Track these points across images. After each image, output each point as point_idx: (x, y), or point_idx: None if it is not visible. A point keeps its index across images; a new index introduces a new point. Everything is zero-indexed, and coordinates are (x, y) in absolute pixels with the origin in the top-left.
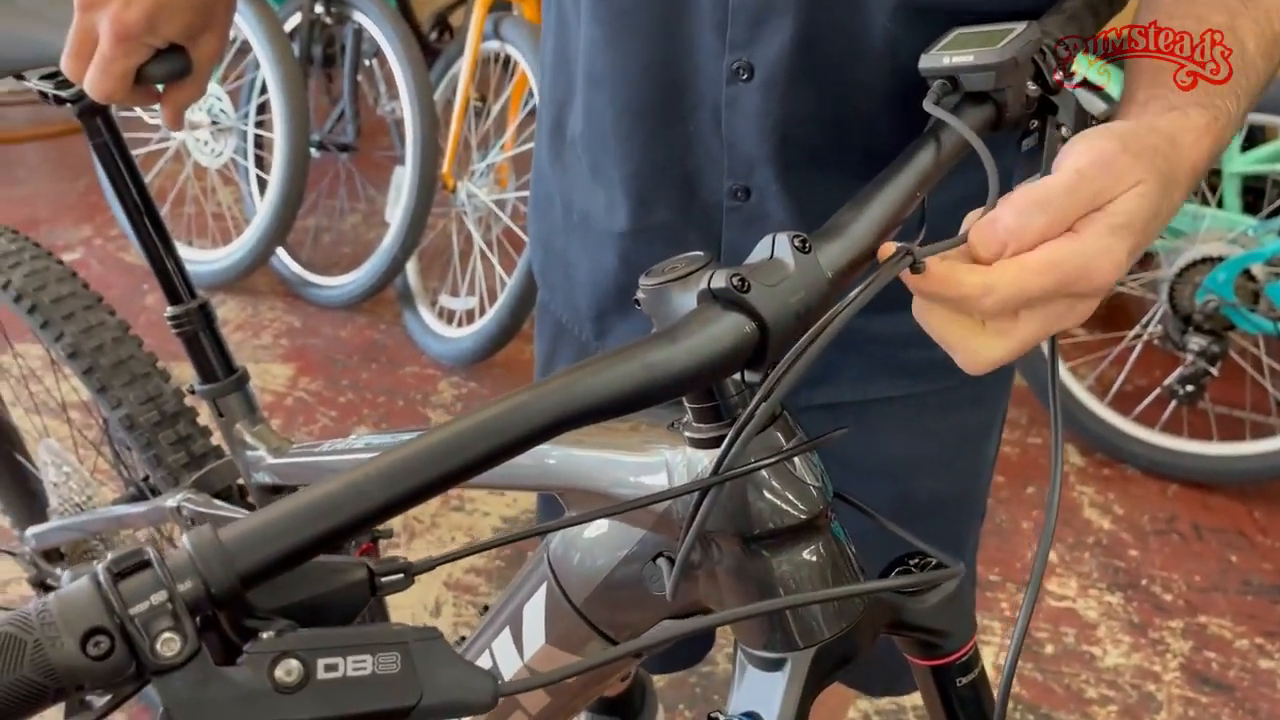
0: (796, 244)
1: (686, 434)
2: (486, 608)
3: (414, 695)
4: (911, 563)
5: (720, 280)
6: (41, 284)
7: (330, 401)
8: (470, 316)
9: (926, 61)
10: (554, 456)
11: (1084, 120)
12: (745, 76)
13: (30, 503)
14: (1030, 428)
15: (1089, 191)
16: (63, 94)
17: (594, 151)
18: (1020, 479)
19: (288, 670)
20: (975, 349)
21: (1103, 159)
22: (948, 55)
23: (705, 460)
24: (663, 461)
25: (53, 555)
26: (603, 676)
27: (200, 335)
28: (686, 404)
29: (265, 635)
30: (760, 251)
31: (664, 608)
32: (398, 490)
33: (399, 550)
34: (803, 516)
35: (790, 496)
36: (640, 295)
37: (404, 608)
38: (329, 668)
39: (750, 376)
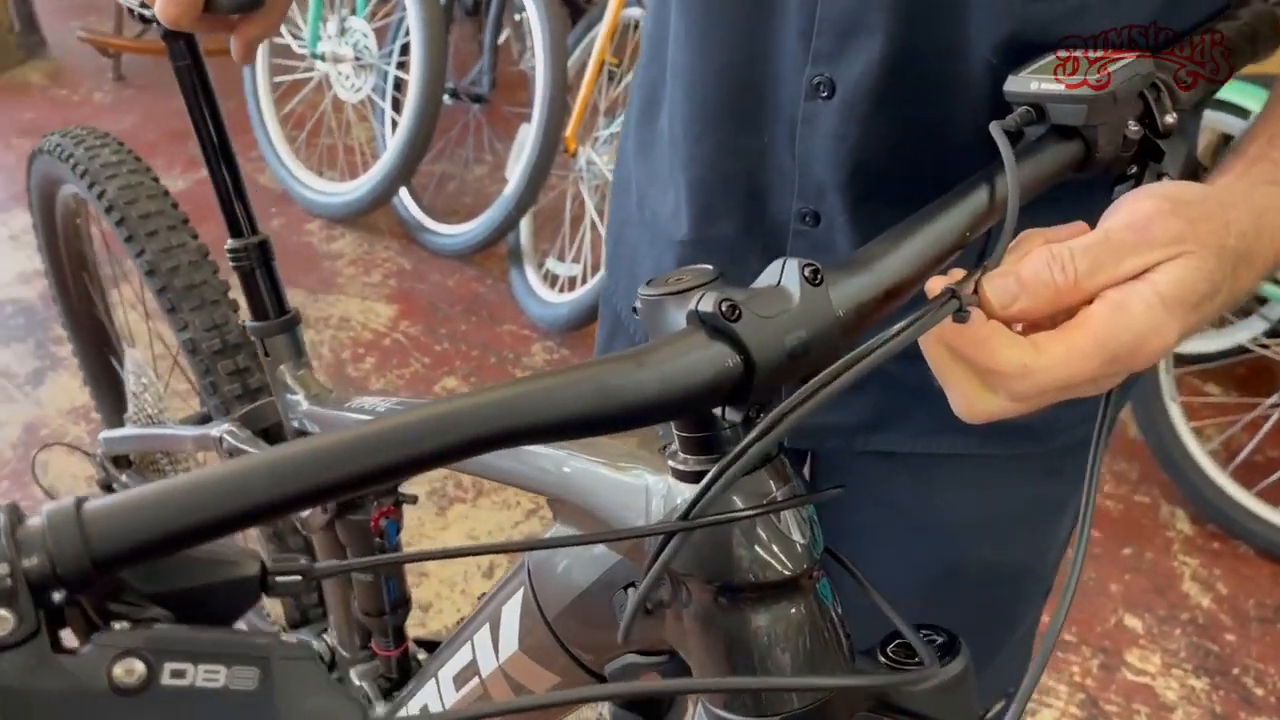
0: (806, 274)
1: (670, 463)
2: (483, 595)
3: (266, 718)
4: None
5: (709, 304)
6: (133, 198)
7: (426, 348)
8: (572, 284)
9: (1013, 84)
10: (547, 460)
11: (1194, 171)
12: (825, 94)
13: (119, 406)
14: (1139, 484)
15: (1112, 254)
16: (147, 14)
17: (671, 148)
18: (1118, 538)
19: (129, 670)
20: (973, 399)
21: (1138, 221)
22: (1037, 80)
23: (685, 495)
24: (643, 487)
25: (121, 462)
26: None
27: (256, 272)
28: (674, 430)
29: (117, 626)
30: (768, 276)
31: (631, 640)
32: (291, 488)
33: (464, 507)
34: (784, 574)
35: (774, 549)
36: (636, 304)
37: (457, 562)
38: (175, 674)
39: (731, 415)
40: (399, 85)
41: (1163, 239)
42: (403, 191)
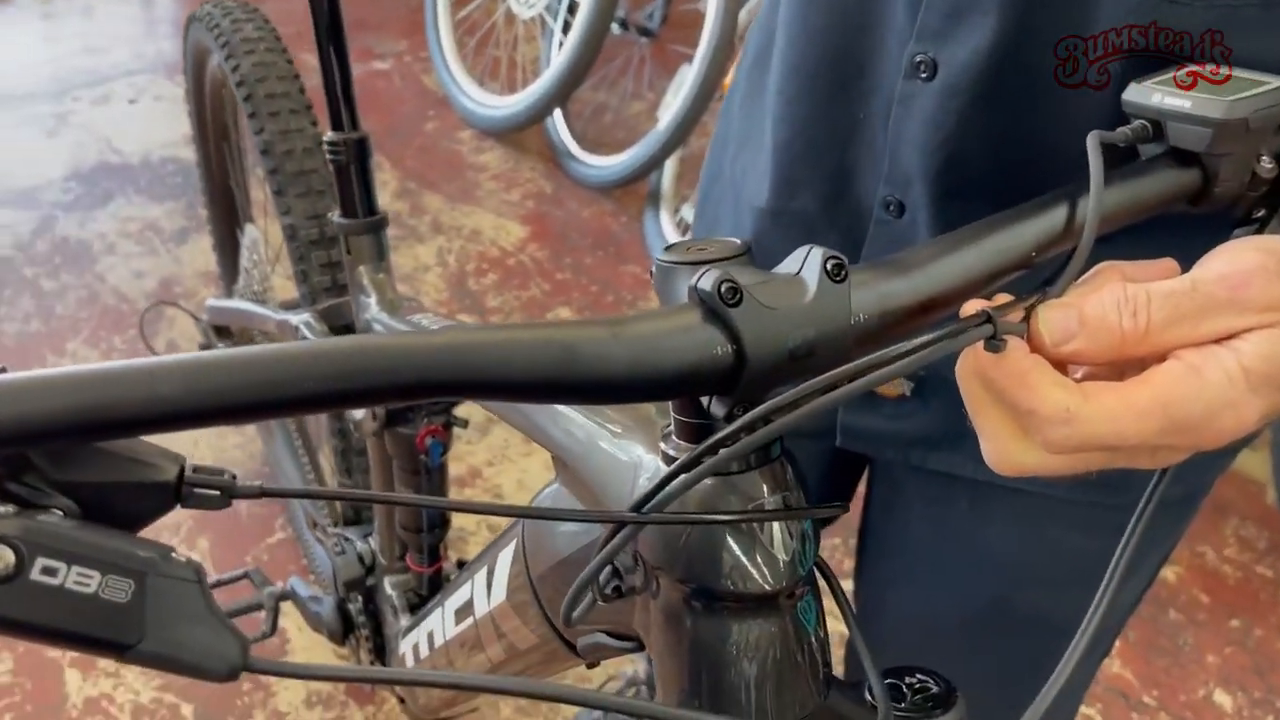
0: (829, 267)
1: (661, 445)
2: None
3: (132, 636)
4: (910, 680)
5: (709, 281)
6: (263, 76)
7: (548, 274)
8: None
9: (1133, 93)
10: (555, 414)
11: None
12: (925, 74)
13: (233, 278)
14: (1265, 555)
15: (1197, 309)
16: None
17: (768, 105)
18: (1228, 607)
19: None
20: (1007, 446)
21: (1234, 275)
22: (1160, 92)
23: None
24: (633, 465)
25: (223, 332)
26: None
27: (351, 168)
28: (671, 411)
29: (1, 509)
30: (790, 263)
31: (601, 616)
32: (198, 400)
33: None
34: (761, 588)
35: (754, 560)
36: (652, 268)
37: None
38: (47, 570)
39: (716, 408)
40: (572, 8)
41: (1260, 302)
42: (557, 114)
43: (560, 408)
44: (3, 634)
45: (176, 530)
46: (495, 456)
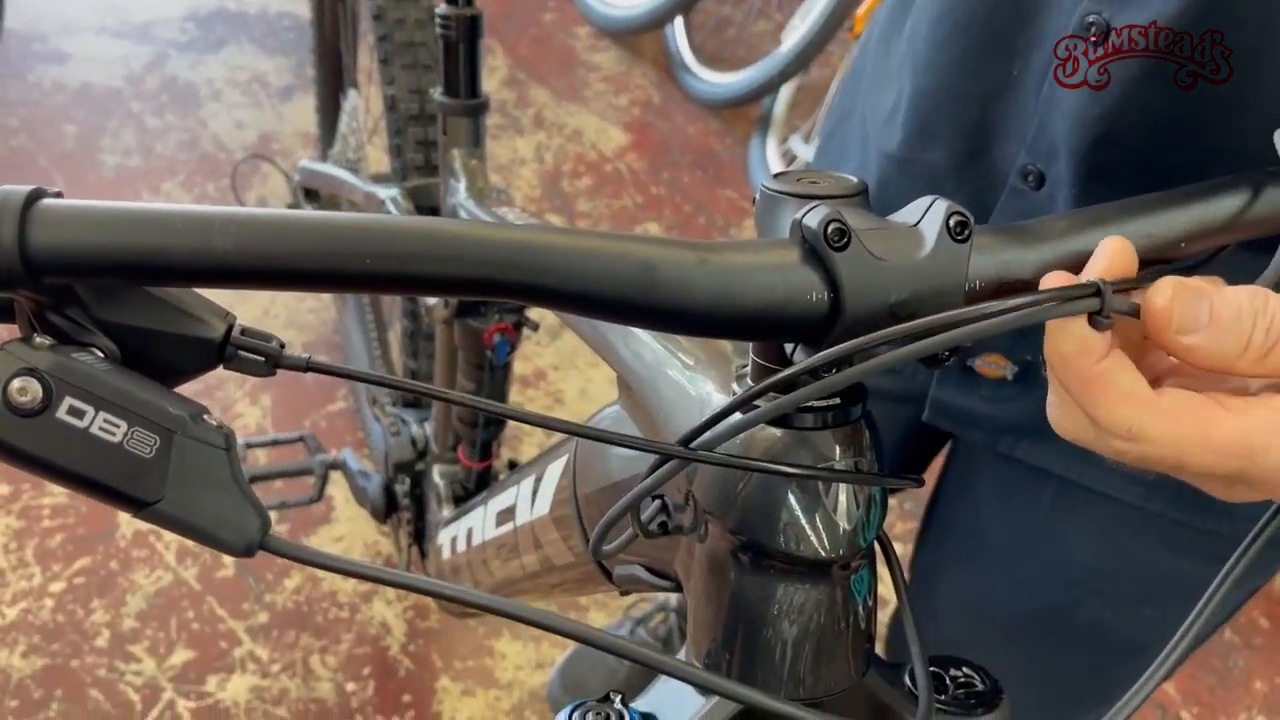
0: (952, 223)
1: (734, 385)
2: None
3: (150, 493)
4: (955, 673)
5: (815, 218)
6: None
7: (643, 187)
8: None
9: None
10: (626, 334)
11: None
12: (1095, 36)
13: (330, 142)
14: None
15: None
16: None
17: (909, 45)
18: None
19: (24, 388)
20: (1070, 416)
21: None
22: None
23: (730, 425)
24: (701, 400)
25: (312, 195)
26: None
27: (459, 46)
28: (750, 352)
29: (38, 340)
30: (909, 212)
31: (641, 550)
32: (251, 260)
33: None
34: (816, 554)
35: (814, 522)
36: (756, 195)
37: (573, 399)
38: (74, 411)
39: (801, 356)
40: None
41: None
42: (678, 22)
43: (633, 329)
44: (23, 469)
45: (242, 384)
46: (562, 362)
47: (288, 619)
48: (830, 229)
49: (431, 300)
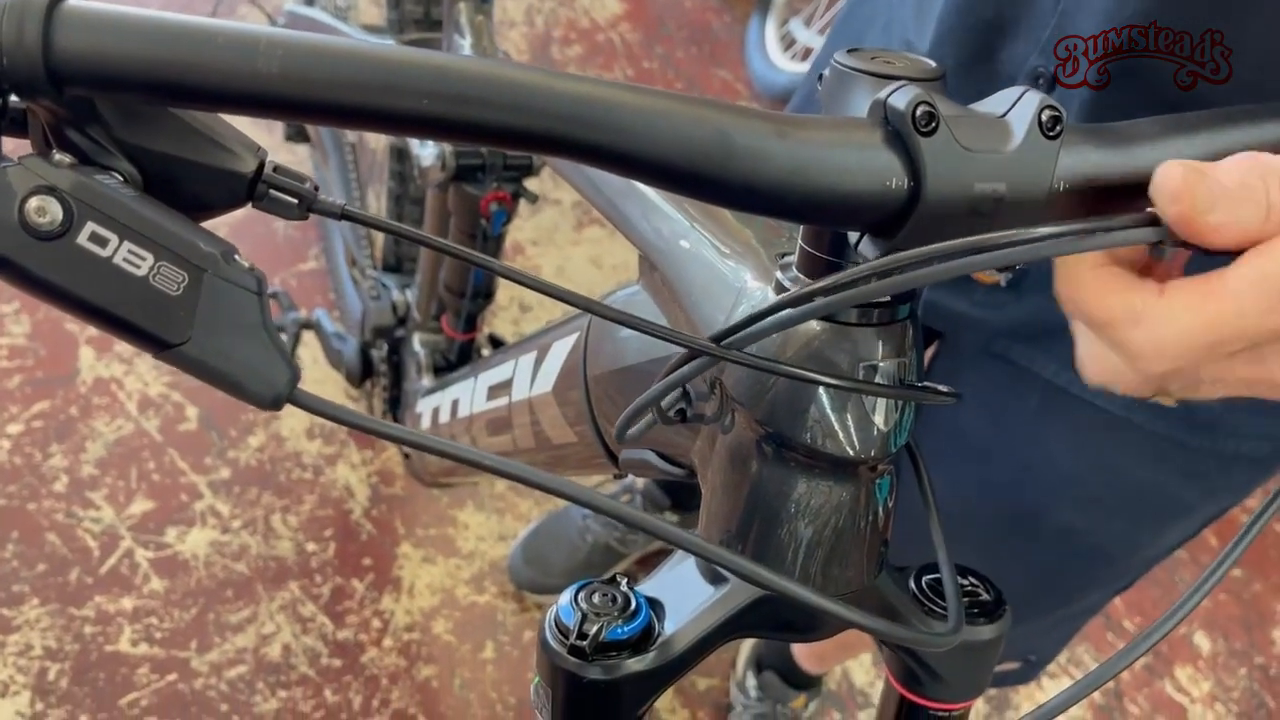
0: (1044, 118)
1: (778, 274)
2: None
3: (176, 334)
4: (961, 582)
5: (902, 99)
6: None
7: (634, 59)
8: (806, 55)
9: None
10: (653, 213)
11: None
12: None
13: None
14: None
15: None
16: None
17: None
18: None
19: (43, 208)
20: (1115, 369)
21: None
22: None
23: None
24: (736, 289)
25: None
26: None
27: None
28: (799, 239)
29: (57, 157)
30: (995, 102)
31: (656, 436)
32: (297, 87)
33: (600, 231)
34: (845, 453)
35: (846, 422)
36: (825, 72)
37: (580, 276)
38: (96, 238)
39: (867, 249)
40: None
41: None
42: None
43: (663, 205)
44: (38, 297)
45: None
46: (541, 237)
47: (250, 476)
48: (919, 111)
49: (428, 161)
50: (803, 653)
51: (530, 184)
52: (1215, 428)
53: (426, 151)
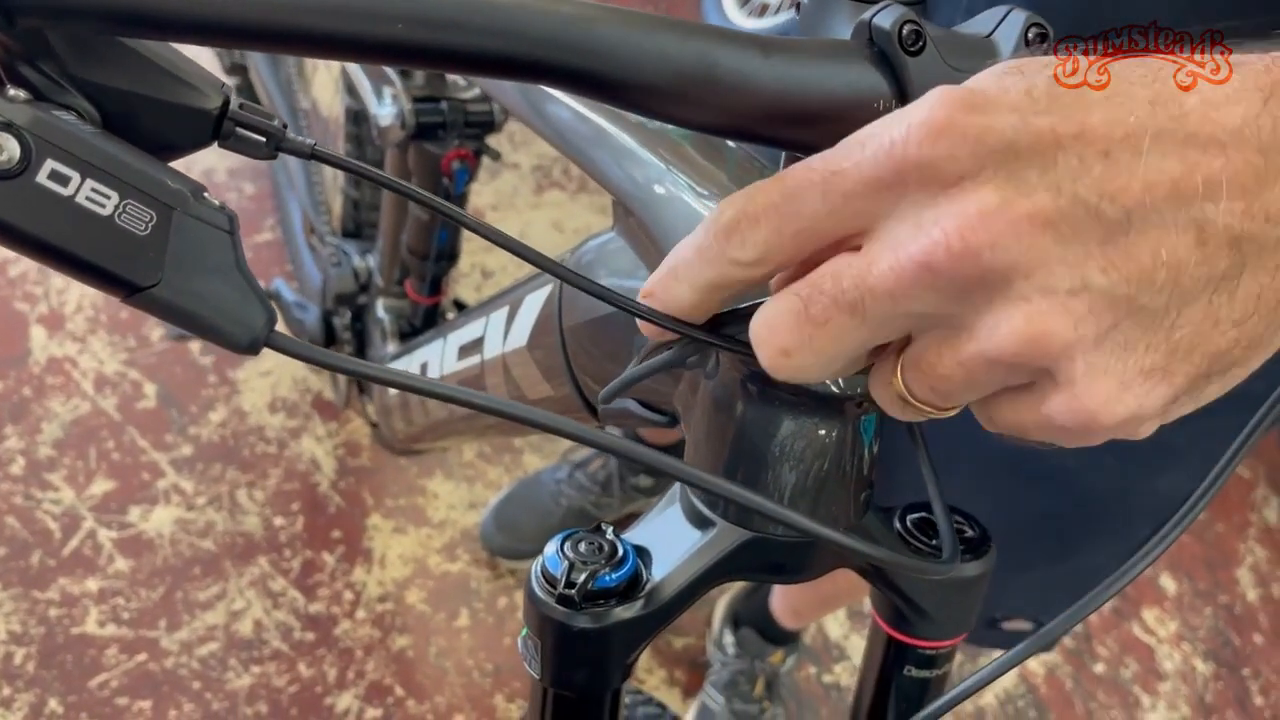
0: (1031, 36)
1: None
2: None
3: (147, 276)
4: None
5: (887, 19)
6: None
7: None
8: (763, 11)
9: None
10: (626, 157)
11: None
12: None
13: None
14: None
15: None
16: None
17: None
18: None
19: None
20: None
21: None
22: None
23: None
24: None
25: None
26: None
27: None
28: (782, 166)
29: (11, 92)
30: (980, 22)
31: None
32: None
33: (561, 194)
34: (830, 388)
35: None
36: (803, 1)
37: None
38: (57, 177)
39: None
40: None
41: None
42: None
43: (637, 150)
44: None
45: None
46: (501, 202)
47: (213, 452)
48: (905, 30)
49: (386, 121)
50: (780, 608)
51: (495, 140)
52: None
53: (385, 111)
